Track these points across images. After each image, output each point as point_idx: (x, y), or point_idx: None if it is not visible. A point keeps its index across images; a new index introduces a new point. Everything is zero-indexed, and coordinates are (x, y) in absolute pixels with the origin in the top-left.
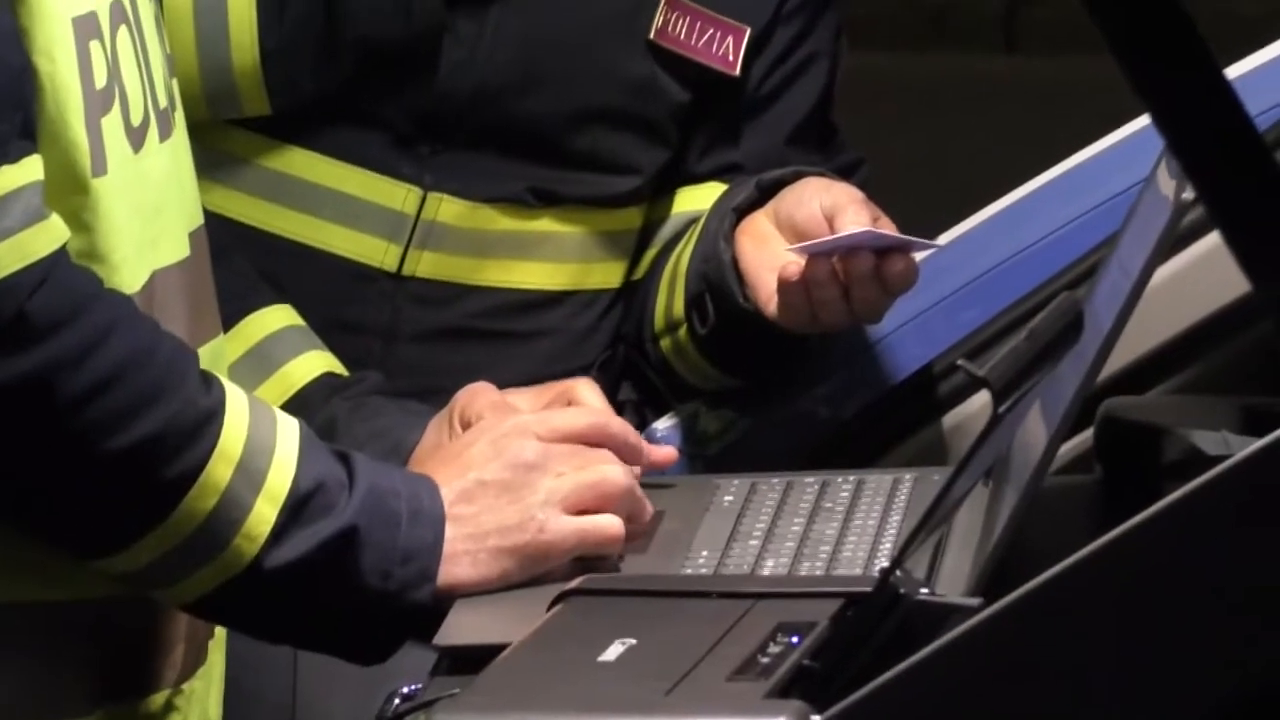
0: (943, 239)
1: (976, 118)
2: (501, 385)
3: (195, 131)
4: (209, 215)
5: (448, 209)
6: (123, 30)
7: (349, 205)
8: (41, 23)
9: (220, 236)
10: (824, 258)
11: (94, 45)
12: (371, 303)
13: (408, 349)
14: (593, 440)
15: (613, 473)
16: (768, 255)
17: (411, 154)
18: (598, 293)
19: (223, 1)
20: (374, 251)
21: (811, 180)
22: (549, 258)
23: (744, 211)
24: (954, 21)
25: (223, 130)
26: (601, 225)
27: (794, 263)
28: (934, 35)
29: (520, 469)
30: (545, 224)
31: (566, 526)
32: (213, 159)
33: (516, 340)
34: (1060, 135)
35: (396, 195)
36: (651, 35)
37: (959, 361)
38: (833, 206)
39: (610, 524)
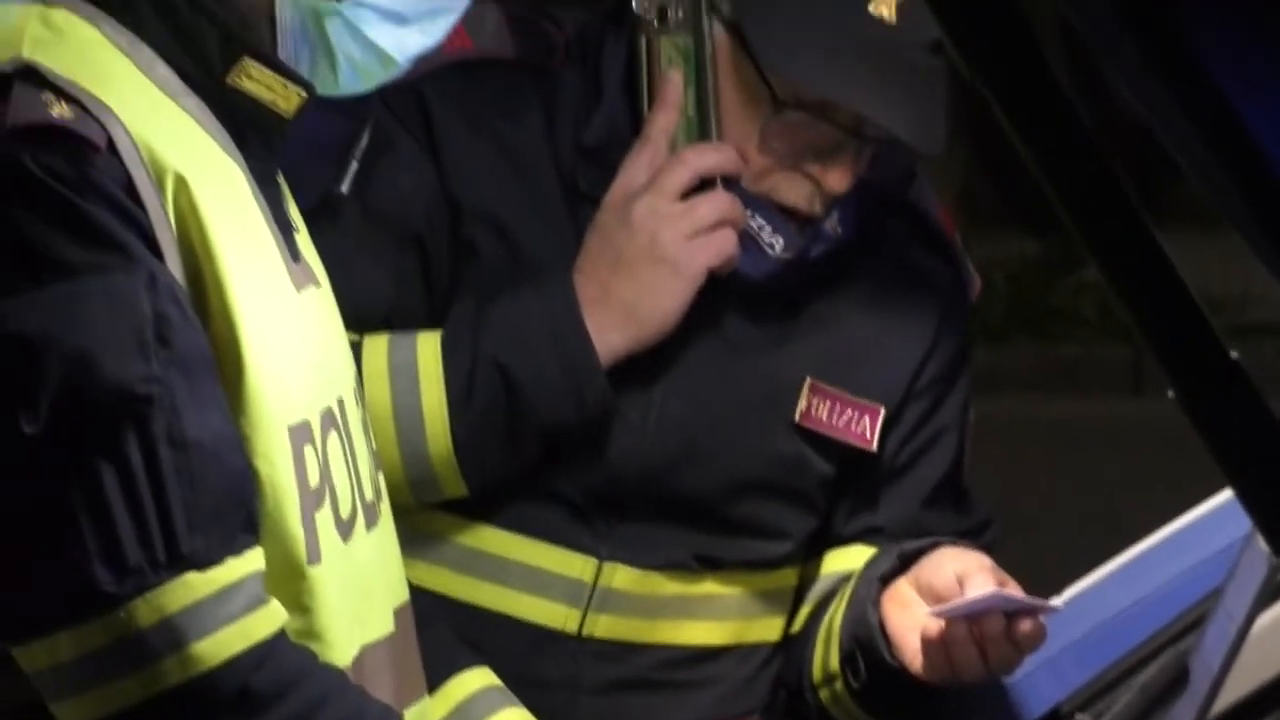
0: (1068, 592)
1: (1105, 460)
2: None
3: (400, 514)
4: (413, 588)
5: (621, 576)
6: (333, 434)
7: (534, 576)
8: (261, 431)
9: (424, 607)
10: (960, 620)
11: (308, 449)
12: (556, 661)
13: (589, 701)
14: None
15: None
16: (910, 618)
17: (589, 528)
18: (758, 645)
19: (418, 399)
20: (557, 616)
21: (946, 549)
22: (713, 616)
23: (888, 579)
24: (1086, 368)
25: (424, 512)
26: (759, 585)
27: (933, 625)
28: (1066, 382)
29: None
30: (709, 586)
31: None
32: (416, 538)
33: (687, 689)
34: (1185, 473)
35: (576, 565)
36: (797, 418)
37: (1076, 716)
38: (964, 572)
39: None
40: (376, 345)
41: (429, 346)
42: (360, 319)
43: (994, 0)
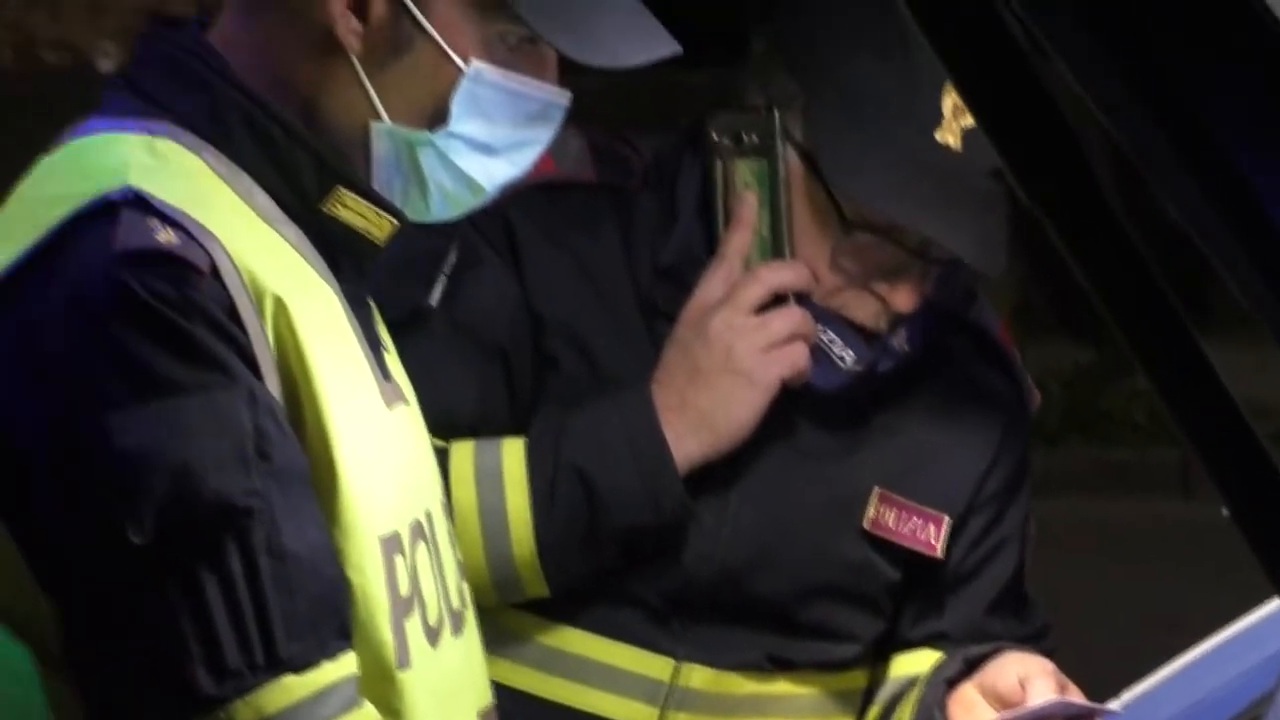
0: (1125, 696)
1: (1156, 561)
2: None
3: (484, 614)
4: (496, 686)
5: (698, 676)
6: (421, 545)
7: (613, 675)
8: (354, 542)
9: (506, 704)
10: None
11: (398, 559)
12: None
13: None
14: None
15: None
16: None
17: (666, 629)
18: None
19: (503, 503)
20: (636, 715)
21: (1010, 654)
22: (786, 715)
23: (954, 682)
24: (1137, 471)
25: (507, 612)
26: (830, 686)
27: None
28: (1118, 484)
29: None
30: (782, 686)
31: None
32: (499, 637)
33: None
34: (1235, 574)
35: (654, 665)
36: (865, 525)
37: None
38: (1027, 676)
39: None
40: (463, 451)
41: (513, 453)
42: (447, 426)
43: (1050, 132)
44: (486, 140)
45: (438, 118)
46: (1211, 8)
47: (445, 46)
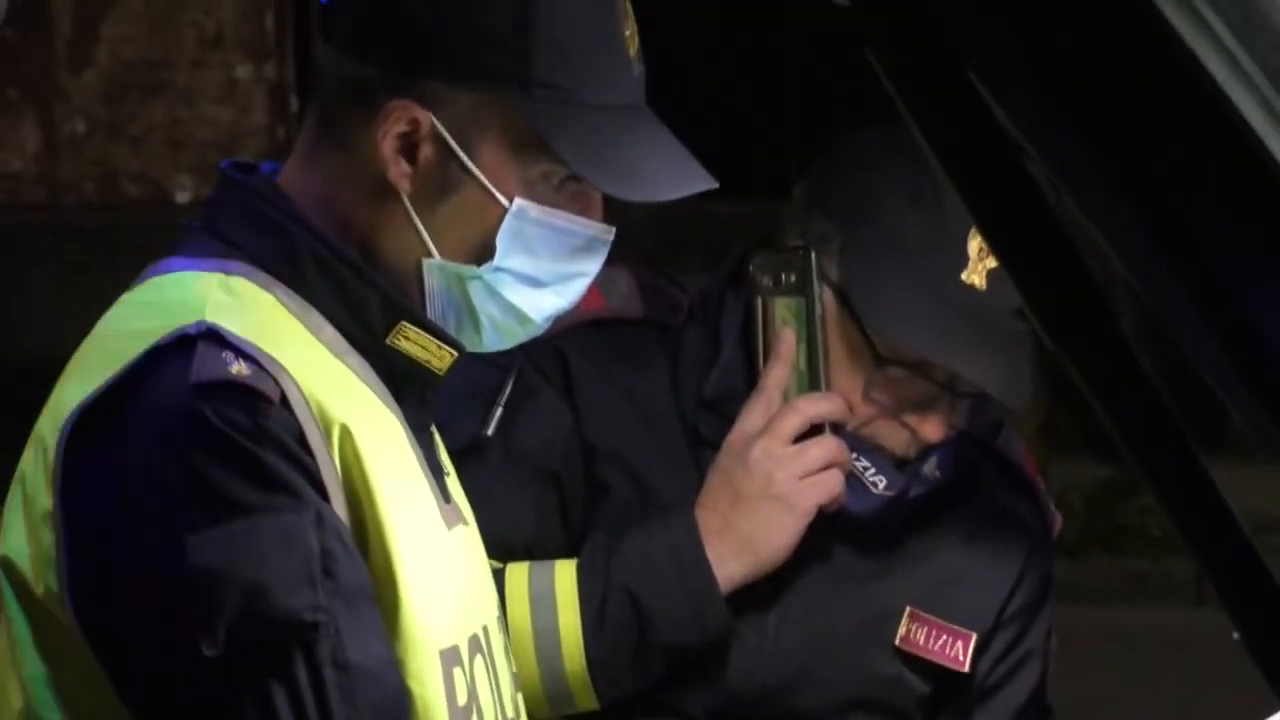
0: None
1: (1170, 666)
2: None
3: None
4: None
5: None
6: (478, 658)
7: None
8: (414, 654)
9: None
10: None
11: (456, 671)
12: None
13: None
14: None
15: None
16: None
17: None
18: None
19: (555, 622)
20: None
21: None
22: None
23: None
24: (1153, 581)
25: None
26: None
27: None
28: (1135, 593)
29: None
30: None
31: None
32: None
33: None
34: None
35: None
36: (897, 641)
37: None
38: None
39: None
40: (518, 572)
41: (566, 575)
42: (504, 548)
43: (1068, 275)
44: (533, 274)
45: (486, 253)
46: (1227, 173)
47: (490, 186)
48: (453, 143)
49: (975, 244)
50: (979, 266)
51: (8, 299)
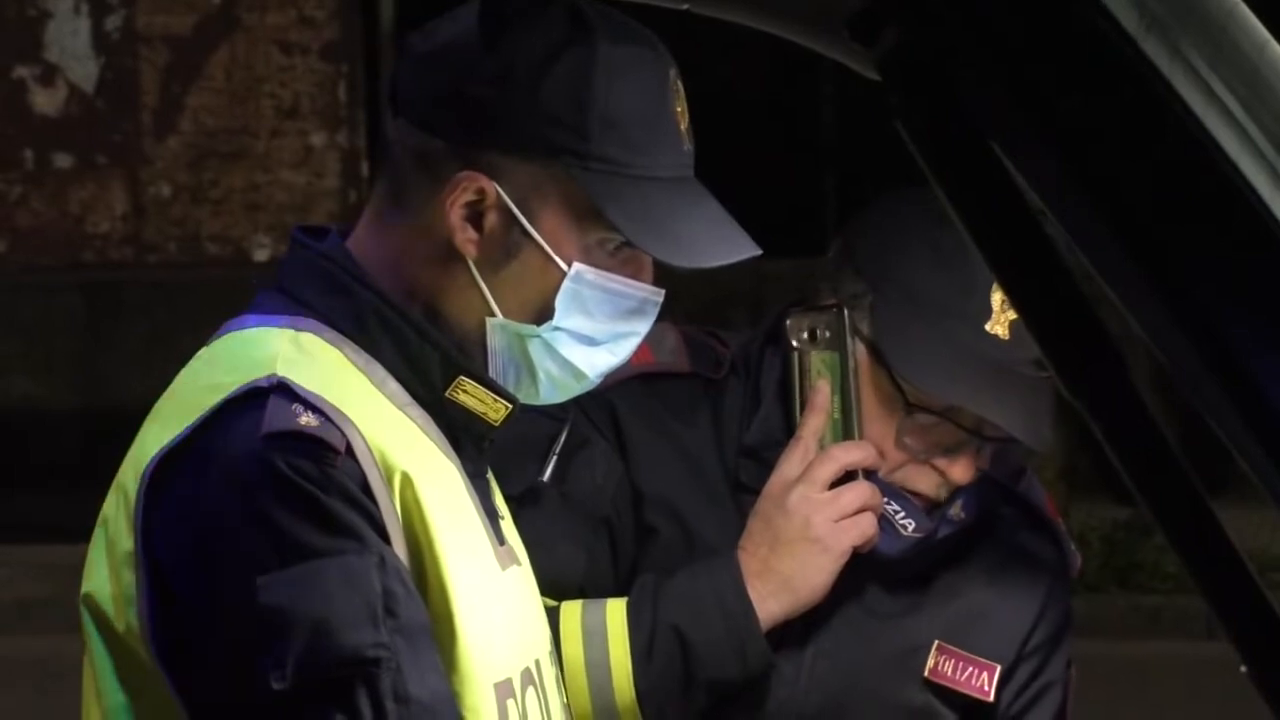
0: None
1: (1183, 697)
2: None
3: None
4: None
5: None
6: (531, 690)
7: None
8: (470, 688)
9: None
10: None
11: (510, 703)
12: None
13: None
14: None
15: None
16: None
17: None
18: None
19: (606, 657)
20: None
21: None
22: None
23: None
24: (1167, 615)
25: None
26: None
27: None
28: (1150, 627)
29: None
30: None
31: None
32: None
33: None
34: (1248, 710)
35: None
36: (926, 673)
37: None
38: None
39: None
40: (572, 610)
41: (617, 612)
42: (558, 587)
43: (1082, 327)
44: (589, 333)
45: (545, 313)
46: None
47: (550, 251)
48: (516, 211)
49: (998, 296)
50: (1002, 318)
51: (96, 353)
